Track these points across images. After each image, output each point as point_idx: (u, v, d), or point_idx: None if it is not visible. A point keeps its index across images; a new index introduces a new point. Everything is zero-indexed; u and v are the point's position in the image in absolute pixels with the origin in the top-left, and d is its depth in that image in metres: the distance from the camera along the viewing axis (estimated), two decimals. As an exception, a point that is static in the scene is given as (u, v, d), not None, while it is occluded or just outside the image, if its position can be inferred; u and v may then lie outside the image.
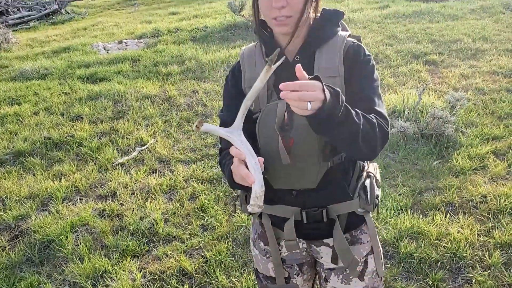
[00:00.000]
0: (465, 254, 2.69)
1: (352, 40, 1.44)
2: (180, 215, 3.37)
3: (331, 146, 1.38)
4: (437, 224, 2.96)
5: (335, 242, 1.48)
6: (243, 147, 1.18)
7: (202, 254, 2.95)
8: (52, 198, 3.67)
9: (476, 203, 3.13)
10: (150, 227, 3.23)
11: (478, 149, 3.77)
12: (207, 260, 2.89)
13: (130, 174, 3.98)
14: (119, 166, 4.12)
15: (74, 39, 9.72)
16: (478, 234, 2.83)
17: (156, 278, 2.78)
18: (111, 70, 6.76)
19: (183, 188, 3.70)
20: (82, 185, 3.83)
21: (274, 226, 1.56)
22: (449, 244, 2.76)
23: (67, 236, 3.16)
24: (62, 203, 3.60)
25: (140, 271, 2.83)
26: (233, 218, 3.24)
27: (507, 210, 3.00)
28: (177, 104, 5.38)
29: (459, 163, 3.60)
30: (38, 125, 5.05)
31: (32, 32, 11.59)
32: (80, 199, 3.67)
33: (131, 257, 2.97)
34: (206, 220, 3.27)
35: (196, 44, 7.83)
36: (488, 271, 2.56)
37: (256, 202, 1.18)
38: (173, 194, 3.66)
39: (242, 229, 3.12)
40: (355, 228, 1.54)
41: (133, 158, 4.25)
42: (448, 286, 2.51)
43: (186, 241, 3.09)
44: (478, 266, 2.61)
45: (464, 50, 6.23)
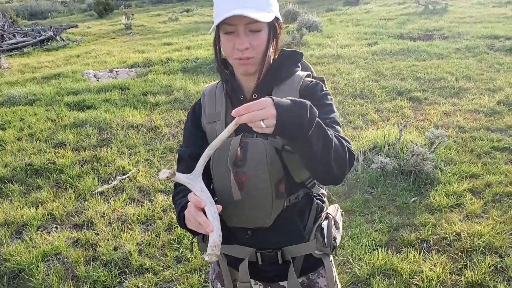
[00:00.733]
0: (436, 293, 2.68)
1: (310, 80, 1.47)
2: (155, 246, 3.34)
3: (286, 183, 1.38)
4: (410, 261, 2.95)
5: (289, 284, 1.47)
6: (203, 195, 1.17)
7: (174, 287, 2.91)
8: (27, 225, 3.63)
9: (450, 241, 3.13)
10: (124, 258, 3.20)
11: (455, 186, 3.80)
12: (178, 293, 2.85)
13: (108, 203, 3.96)
14: (98, 195, 4.10)
15: (66, 65, 9.80)
16: (450, 273, 2.82)
17: (124, 311, 2.74)
18: (99, 98, 6.81)
19: (161, 219, 3.68)
20: (58, 213, 3.80)
21: (230, 266, 1.55)
22: (421, 282, 2.75)
23: (37, 266, 3.11)
24: (37, 231, 3.56)
25: (109, 303, 2.79)
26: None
27: (480, 249, 3.00)
28: (162, 133, 5.40)
29: (436, 200, 3.62)
30: (20, 151, 5.03)
31: (25, 58, 11.67)
32: (56, 228, 3.64)
33: (101, 288, 2.93)
34: (180, 252, 3.25)
35: (186, 75, 7.92)
36: (459, 311, 2.55)
37: (214, 252, 1.15)
38: (150, 224, 3.64)
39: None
40: (312, 271, 1.53)
41: (113, 187, 4.23)
42: (418, 326, 2.49)
43: (158, 273, 3.05)
44: (449, 305, 2.60)
45: (447, 88, 6.34)
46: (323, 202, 1.57)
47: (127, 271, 3.09)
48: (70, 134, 5.39)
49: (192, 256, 3.17)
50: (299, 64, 1.50)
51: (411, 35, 10.37)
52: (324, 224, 1.49)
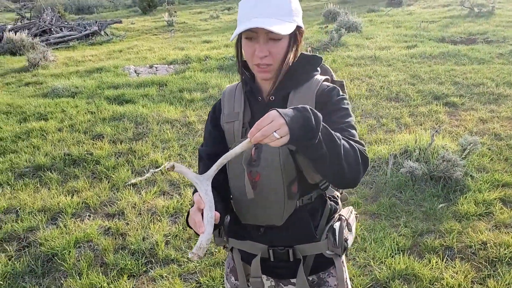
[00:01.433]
0: (456, 301, 2.66)
1: (327, 84, 1.49)
2: (182, 238, 3.45)
3: (299, 184, 1.42)
4: (432, 268, 2.93)
5: (298, 283, 1.51)
6: (206, 198, 1.21)
7: (196, 279, 3.00)
8: (63, 212, 3.81)
9: (475, 250, 3.09)
10: (151, 248, 3.32)
11: (485, 194, 3.73)
12: (200, 285, 2.94)
13: (140, 194, 4.10)
14: (131, 186, 4.25)
15: (109, 60, 10.11)
16: (472, 281, 2.79)
17: (148, 299, 2.85)
18: (138, 93, 7.01)
19: (188, 213, 3.77)
20: (92, 202, 3.97)
21: (244, 261, 1.61)
22: (441, 289, 2.74)
23: (70, 251, 3.27)
24: (71, 219, 3.73)
25: (134, 291, 2.90)
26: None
27: (506, 260, 2.95)
28: (195, 129, 5.52)
29: (464, 207, 3.57)
30: (60, 141, 5.26)
31: (70, 51, 12.10)
32: (89, 216, 3.80)
33: (128, 276, 3.05)
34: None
35: (222, 73, 8.04)
36: (478, 320, 2.53)
37: (197, 252, 1.19)
38: (178, 217, 3.75)
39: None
40: (323, 270, 1.56)
41: (145, 179, 4.38)
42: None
43: (183, 264, 3.16)
44: (468, 314, 2.58)
45: (486, 94, 6.18)
46: (336, 204, 1.60)
47: (153, 261, 3.21)
48: (108, 127, 5.58)
49: (216, 250, 3.26)
50: (318, 68, 1.53)
51: (453, 38, 10.13)
52: (336, 225, 1.52)
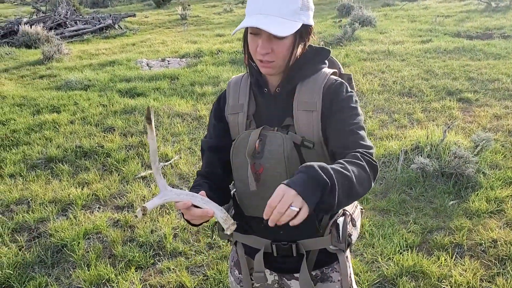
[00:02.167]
0: (465, 299, 2.63)
1: (335, 78, 1.46)
2: (190, 232, 3.46)
3: None
4: (440, 265, 2.90)
5: (300, 278, 1.50)
6: (182, 196, 1.23)
7: (204, 272, 3.01)
8: (73, 204, 3.85)
9: (485, 247, 3.05)
10: (159, 241, 3.34)
11: (497, 192, 3.68)
12: (207, 278, 2.95)
13: (149, 187, 4.12)
14: (141, 179, 4.27)
15: (122, 53, 10.16)
16: (481, 279, 2.76)
17: (155, 291, 2.87)
18: (150, 86, 7.03)
19: (197, 206, 3.78)
20: (102, 194, 4.00)
21: (247, 255, 1.60)
22: (449, 286, 2.70)
23: (79, 242, 3.30)
24: (81, 210, 3.77)
25: (141, 283, 2.92)
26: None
27: (516, 258, 2.91)
28: (205, 123, 5.52)
29: (475, 204, 3.52)
30: (72, 133, 5.31)
31: (85, 45, 12.19)
32: (99, 208, 3.83)
33: (136, 268, 3.07)
34: (213, 238, 3.34)
35: (234, 66, 8.03)
36: (486, 319, 2.50)
37: (227, 225, 1.21)
38: (186, 210, 3.75)
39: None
40: (326, 265, 1.55)
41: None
42: (442, 330, 2.46)
43: (190, 257, 3.17)
44: (476, 312, 2.55)
45: (501, 90, 6.09)
46: None
47: (161, 253, 3.22)
48: (119, 120, 5.62)
49: (224, 243, 3.26)
50: (325, 61, 1.50)
51: (469, 33, 9.99)
52: (340, 220, 1.50)
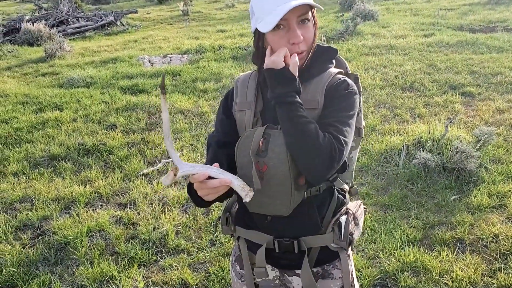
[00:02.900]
0: (466, 294, 2.63)
1: (340, 76, 1.46)
2: (192, 229, 3.47)
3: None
4: (442, 260, 2.91)
5: (302, 275, 1.51)
6: (197, 169, 1.22)
7: (206, 269, 3.03)
8: (76, 202, 3.87)
9: (487, 242, 3.05)
10: (161, 238, 3.35)
11: (500, 186, 3.67)
12: (210, 275, 2.96)
13: (151, 184, 4.13)
14: (143, 176, 4.29)
15: (124, 50, 10.16)
16: (482, 274, 2.76)
17: (158, 288, 2.89)
18: (151, 83, 7.04)
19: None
20: (105, 192, 4.01)
21: (250, 251, 1.61)
22: (450, 282, 2.71)
23: (82, 240, 3.32)
24: (84, 208, 3.78)
25: (144, 280, 2.94)
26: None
27: (518, 252, 2.91)
28: (207, 120, 5.53)
29: (477, 199, 3.52)
30: (75, 131, 5.32)
31: (87, 42, 12.20)
32: (101, 205, 3.85)
33: (138, 265, 3.09)
34: (215, 235, 3.35)
35: (236, 62, 8.02)
36: (488, 314, 2.50)
37: (245, 192, 1.24)
38: (188, 207, 3.77)
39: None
40: (328, 263, 1.56)
41: (157, 170, 4.40)
42: (444, 325, 2.47)
43: (193, 254, 3.18)
44: (478, 307, 2.56)
45: (504, 84, 6.07)
46: (344, 197, 1.59)
47: (163, 250, 3.24)
48: (121, 117, 5.63)
49: (226, 240, 3.28)
50: (333, 61, 1.51)
51: (472, 26, 9.94)
52: (343, 218, 1.51)
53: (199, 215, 3.61)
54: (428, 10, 12.69)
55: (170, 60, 8.83)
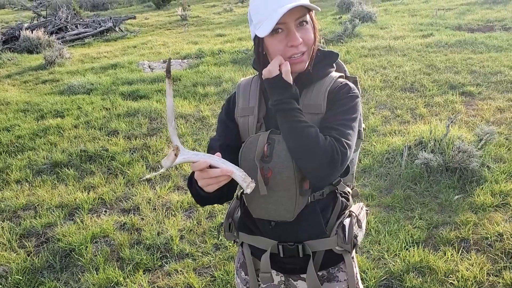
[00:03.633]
0: (472, 293, 2.64)
1: (341, 80, 1.47)
2: (196, 233, 3.47)
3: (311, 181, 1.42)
4: (447, 260, 2.91)
5: (308, 279, 1.51)
6: (199, 157, 1.21)
7: (211, 273, 3.03)
8: (79, 208, 3.87)
9: (492, 241, 3.06)
10: (166, 243, 3.35)
11: (502, 185, 3.68)
12: (215, 279, 2.96)
13: (155, 189, 4.14)
14: (146, 182, 4.30)
15: (123, 56, 10.18)
16: (488, 274, 2.76)
17: (163, 293, 2.89)
18: (152, 88, 7.05)
19: (203, 207, 3.81)
20: (108, 198, 4.02)
21: (254, 256, 1.61)
22: (456, 281, 2.71)
23: (86, 246, 3.33)
24: (88, 214, 3.79)
25: (150, 286, 2.94)
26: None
27: (523, 251, 2.91)
28: (209, 124, 5.54)
29: (481, 198, 3.53)
30: (76, 138, 5.33)
31: (86, 48, 12.22)
32: (105, 211, 3.86)
33: (143, 271, 3.09)
34: (220, 239, 3.36)
35: (235, 66, 8.04)
36: (494, 313, 2.50)
37: (246, 183, 1.24)
38: (192, 211, 3.78)
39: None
40: (332, 266, 1.56)
41: (160, 175, 4.41)
42: (450, 325, 2.47)
43: (197, 259, 3.18)
44: (484, 306, 2.56)
45: (504, 83, 6.08)
46: (347, 200, 1.59)
47: (168, 255, 3.24)
48: (123, 123, 5.64)
49: (230, 244, 3.28)
50: (334, 65, 1.51)
51: (470, 26, 9.97)
52: (346, 221, 1.51)
53: (203, 219, 3.62)
54: (426, 10, 12.72)
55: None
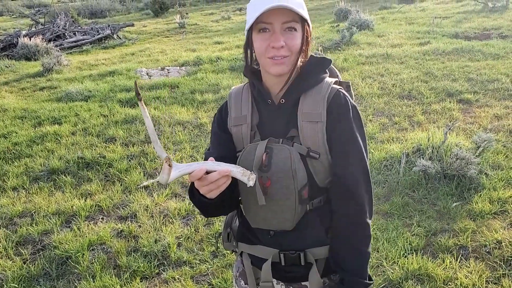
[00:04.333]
0: (471, 301, 2.62)
1: (337, 87, 1.46)
2: (194, 240, 3.46)
3: (310, 188, 1.40)
4: (446, 267, 2.90)
5: (311, 286, 1.50)
6: (193, 166, 1.22)
7: (209, 281, 3.01)
8: (76, 215, 3.85)
9: (490, 249, 3.05)
10: (163, 250, 3.33)
11: (500, 192, 3.68)
12: (213, 287, 2.94)
13: (152, 197, 4.12)
14: (143, 189, 4.28)
15: (121, 63, 10.18)
16: (487, 281, 2.75)
17: (161, 301, 2.86)
18: (150, 95, 7.05)
19: (201, 214, 3.78)
20: (105, 205, 4.00)
21: (254, 265, 1.59)
22: (455, 289, 2.70)
23: (83, 254, 3.30)
24: (85, 221, 3.77)
25: (147, 293, 2.92)
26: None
27: (522, 258, 2.91)
28: (207, 131, 5.53)
29: (479, 206, 3.52)
30: (74, 144, 5.32)
31: (84, 55, 12.22)
32: (102, 219, 3.83)
33: (141, 278, 3.07)
34: (217, 247, 3.34)
35: (233, 73, 8.05)
36: (493, 321, 2.49)
37: (247, 176, 1.24)
38: (190, 219, 3.76)
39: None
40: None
41: (157, 182, 4.38)
42: (449, 333, 2.46)
43: (195, 266, 3.16)
44: (483, 314, 2.54)
45: (501, 90, 6.09)
46: None
47: (166, 263, 3.22)
48: (120, 130, 5.63)
49: (228, 251, 3.26)
50: (327, 70, 1.51)
51: (467, 34, 10.01)
52: None
53: (200, 226, 3.60)
54: (423, 18, 12.78)
55: (168, 72, 8.85)
